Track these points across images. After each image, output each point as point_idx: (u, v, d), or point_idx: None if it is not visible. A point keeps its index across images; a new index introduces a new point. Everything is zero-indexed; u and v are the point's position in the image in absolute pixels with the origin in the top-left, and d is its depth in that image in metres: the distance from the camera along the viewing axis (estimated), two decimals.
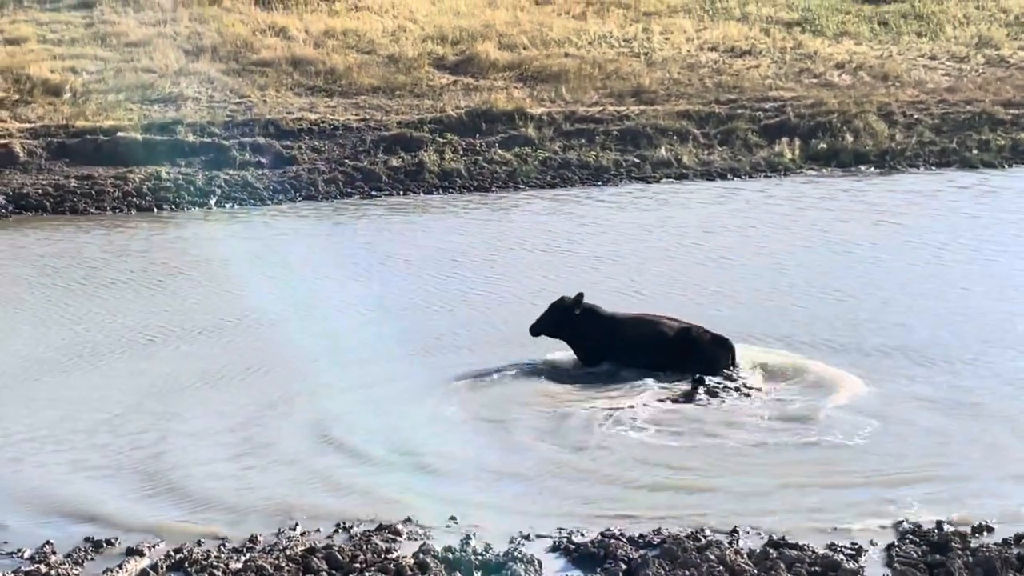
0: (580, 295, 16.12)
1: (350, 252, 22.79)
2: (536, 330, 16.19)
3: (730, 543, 11.39)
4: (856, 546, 11.37)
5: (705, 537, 11.46)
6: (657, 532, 11.60)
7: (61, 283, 20.65)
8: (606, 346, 15.81)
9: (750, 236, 23.48)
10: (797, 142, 30.48)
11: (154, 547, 11.42)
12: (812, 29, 37.45)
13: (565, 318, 16.01)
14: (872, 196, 26.77)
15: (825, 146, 30.44)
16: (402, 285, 20.33)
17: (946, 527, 11.62)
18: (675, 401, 14.99)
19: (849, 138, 30.53)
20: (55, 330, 17.97)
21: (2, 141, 28.23)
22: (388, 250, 22.86)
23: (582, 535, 11.62)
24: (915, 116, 31.66)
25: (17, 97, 30.37)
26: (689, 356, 15.41)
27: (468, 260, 21.93)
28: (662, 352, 15.52)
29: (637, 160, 29.81)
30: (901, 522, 11.77)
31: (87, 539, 11.56)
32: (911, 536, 11.47)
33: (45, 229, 24.65)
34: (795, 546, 11.29)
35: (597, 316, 16.00)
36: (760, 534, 11.60)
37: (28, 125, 29.11)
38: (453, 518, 11.97)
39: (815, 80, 33.81)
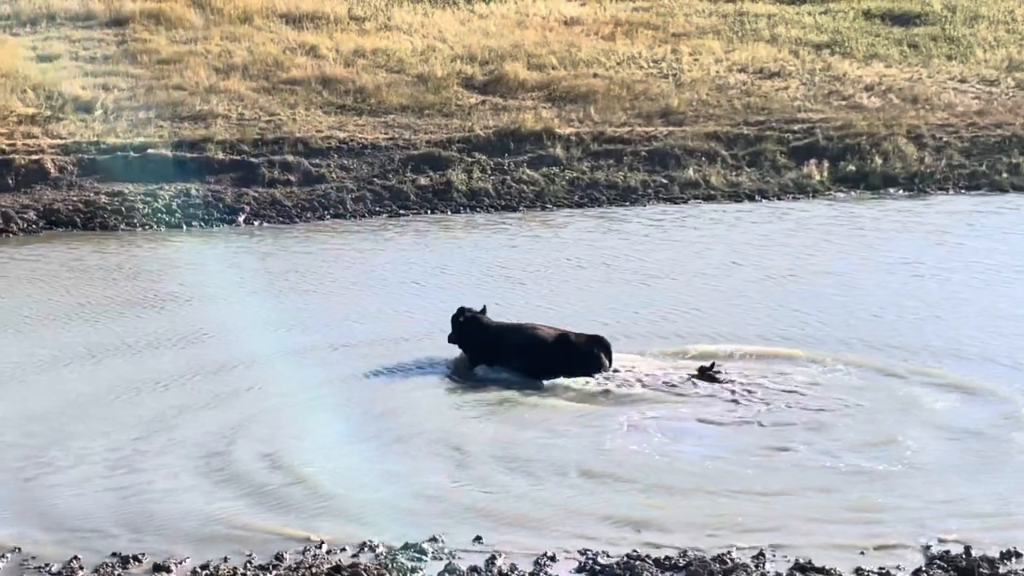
0: (483, 308, 17.26)
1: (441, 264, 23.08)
2: (449, 339, 17.24)
3: (756, 567, 11.36)
4: (884, 570, 11.32)
5: (732, 560, 11.43)
6: (683, 554, 11.58)
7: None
8: (492, 351, 16.74)
9: (811, 255, 23.47)
10: (826, 164, 30.39)
11: (181, 563, 11.46)
12: (841, 51, 37.36)
13: (456, 327, 17.12)
14: (929, 216, 26.76)
15: (854, 168, 30.35)
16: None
17: (974, 552, 11.55)
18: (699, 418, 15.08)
19: (878, 160, 30.43)
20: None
21: (33, 157, 28.39)
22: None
23: (607, 556, 11.61)
24: (944, 139, 31.55)
25: (49, 113, 30.54)
26: (568, 358, 16.22)
27: (538, 276, 22.09)
28: (544, 355, 16.35)
29: (665, 181, 29.79)
30: (929, 547, 11.71)
31: (114, 554, 11.62)
32: (939, 561, 11.41)
33: (90, 242, 24.82)
34: (822, 570, 11.25)
35: (480, 325, 16.98)
36: (786, 557, 11.56)
37: (59, 141, 29.26)
38: (479, 538, 11.98)
39: (844, 102, 33.72)
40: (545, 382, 16.41)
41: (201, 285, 21.37)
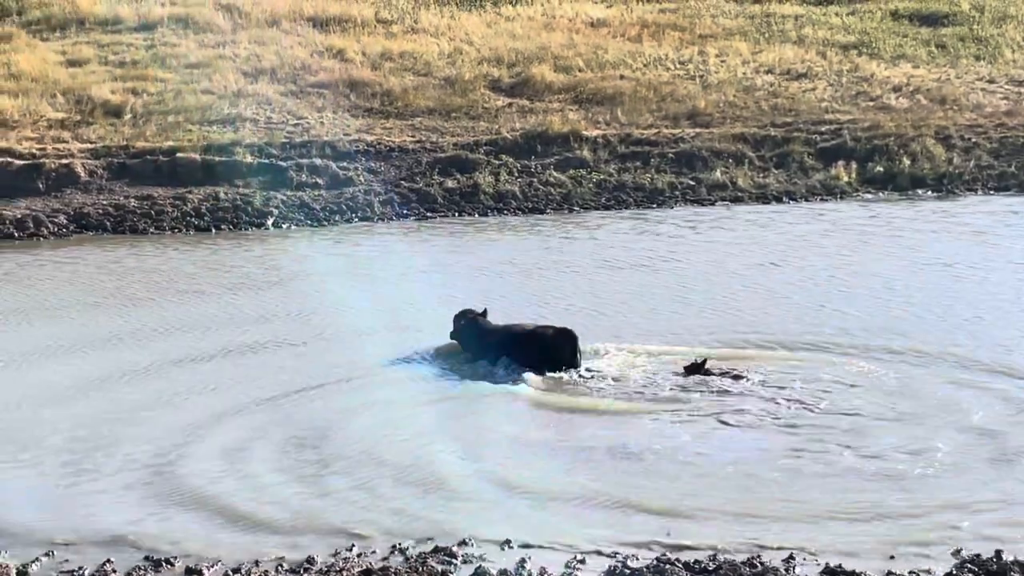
0: (484, 311, 18.04)
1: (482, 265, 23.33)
2: (451, 336, 18.15)
3: (786, 570, 11.36)
4: (914, 574, 11.30)
5: (761, 563, 11.43)
6: (713, 558, 11.58)
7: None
8: (480, 348, 17.55)
9: (849, 256, 23.50)
10: (853, 165, 30.34)
11: (213, 567, 11.53)
12: (869, 52, 37.27)
13: (456, 327, 18.04)
14: (965, 216, 26.75)
15: (882, 169, 30.28)
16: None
17: (1006, 556, 11.52)
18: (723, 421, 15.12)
19: (906, 162, 30.35)
20: None
21: (64, 161, 28.59)
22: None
23: (637, 559, 11.62)
24: (973, 140, 31.45)
25: (79, 118, 30.75)
26: (536, 350, 16.99)
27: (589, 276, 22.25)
28: (520, 349, 17.14)
29: (692, 183, 29.79)
30: (960, 550, 11.69)
31: (147, 558, 11.69)
32: (970, 565, 11.39)
33: (123, 246, 24.98)
34: (852, 574, 11.24)
35: (476, 326, 17.85)
36: (816, 561, 11.55)
37: (89, 145, 29.46)
38: (508, 541, 12.01)
39: (872, 103, 33.65)
40: (572, 383, 16.51)
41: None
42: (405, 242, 25.51)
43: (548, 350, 16.95)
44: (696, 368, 16.51)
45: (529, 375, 16.77)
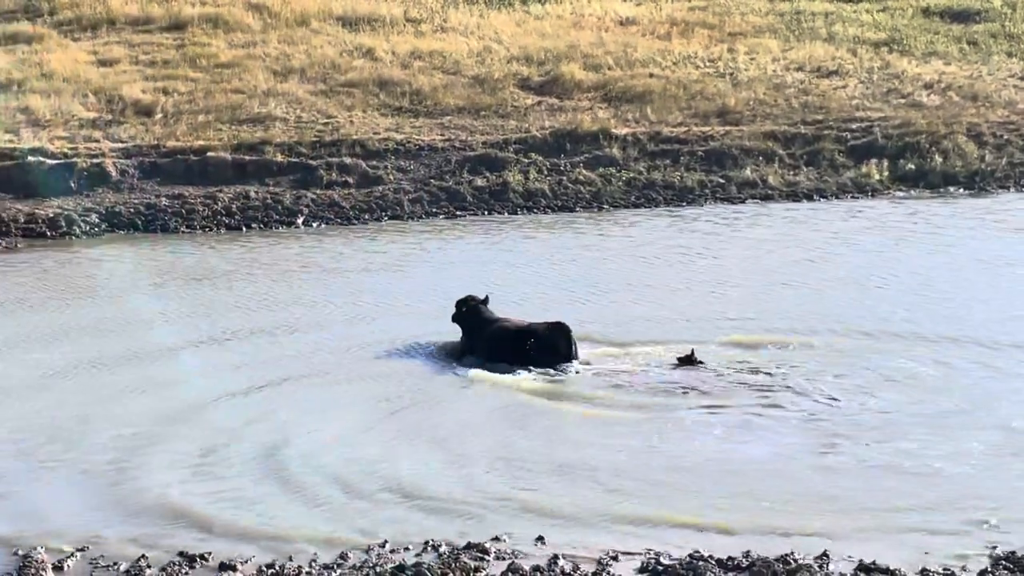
0: (486, 297, 18.23)
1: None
2: (452, 319, 18.32)
3: (820, 567, 11.31)
4: (948, 571, 11.24)
5: (795, 560, 11.39)
6: (746, 555, 11.55)
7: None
8: (478, 336, 17.72)
9: (891, 253, 23.58)
10: (885, 163, 30.23)
11: (247, 562, 11.56)
12: (900, 49, 37.08)
13: (458, 312, 18.21)
14: (1002, 213, 26.74)
15: (913, 167, 30.14)
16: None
17: None
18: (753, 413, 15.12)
19: (938, 159, 30.21)
20: None
21: (95, 160, 28.73)
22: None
23: (670, 556, 11.60)
24: (1005, 137, 31.28)
25: (110, 117, 30.89)
26: (532, 344, 17.09)
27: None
28: (513, 342, 17.25)
29: (722, 181, 29.73)
30: (995, 547, 11.62)
31: (181, 553, 11.74)
32: (1005, 562, 11.32)
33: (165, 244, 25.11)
34: (886, 571, 11.19)
35: (477, 313, 17.99)
36: (850, 558, 11.50)
37: (120, 145, 29.59)
38: (541, 538, 12.01)
39: (903, 100, 33.48)
40: (599, 377, 16.59)
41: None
42: (468, 240, 25.68)
43: (544, 346, 17.05)
44: (688, 360, 16.74)
45: (551, 371, 16.81)
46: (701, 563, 11.37)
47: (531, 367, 16.99)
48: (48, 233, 25.99)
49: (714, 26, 38.98)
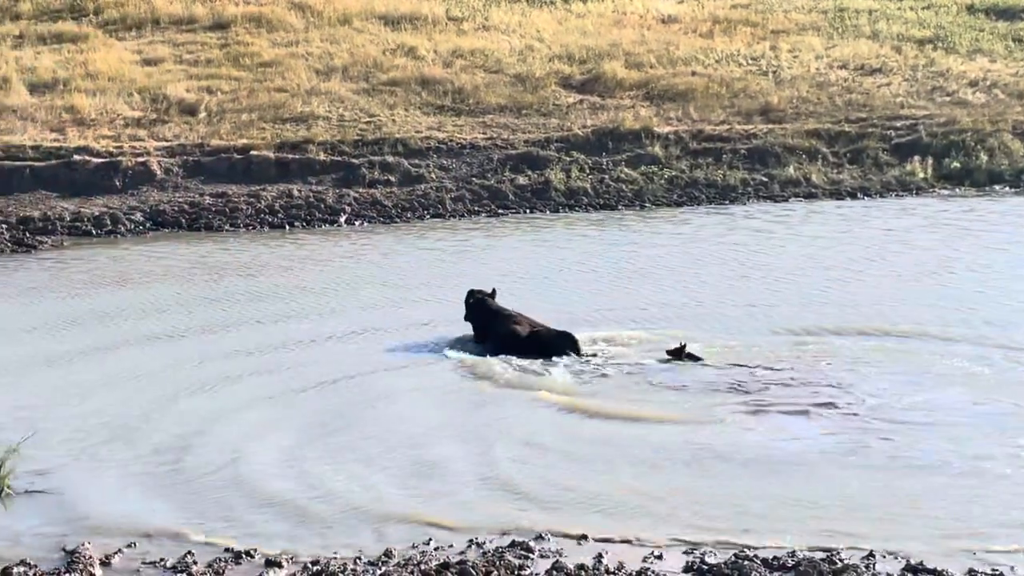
0: (493, 291, 18.73)
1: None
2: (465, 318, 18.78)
3: (867, 567, 11.23)
4: (997, 572, 11.14)
5: (841, 560, 11.32)
6: (792, 555, 11.48)
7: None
8: (483, 330, 18.23)
9: (953, 250, 23.64)
10: (929, 161, 30.06)
11: (292, 559, 11.60)
12: (945, 47, 36.85)
13: (467, 308, 18.64)
14: None
15: (958, 165, 29.97)
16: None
17: None
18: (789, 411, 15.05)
19: (983, 157, 30.01)
20: None
21: (140, 159, 28.95)
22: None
23: (715, 555, 11.54)
24: None
25: (155, 116, 31.12)
26: (536, 347, 17.63)
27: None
28: (519, 343, 17.74)
29: (765, 179, 29.64)
30: None
31: (227, 550, 11.77)
32: None
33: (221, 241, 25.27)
34: (933, 571, 11.10)
35: (485, 309, 18.44)
36: (897, 558, 11.41)
37: (165, 144, 29.80)
38: (585, 535, 11.99)
39: (948, 98, 33.28)
40: (643, 373, 16.64)
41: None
42: (523, 239, 25.77)
43: (548, 350, 17.49)
44: (678, 352, 16.95)
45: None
46: (746, 562, 11.31)
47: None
48: (93, 232, 26.19)
49: (756, 24, 38.86)
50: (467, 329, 18.56)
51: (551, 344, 17.56)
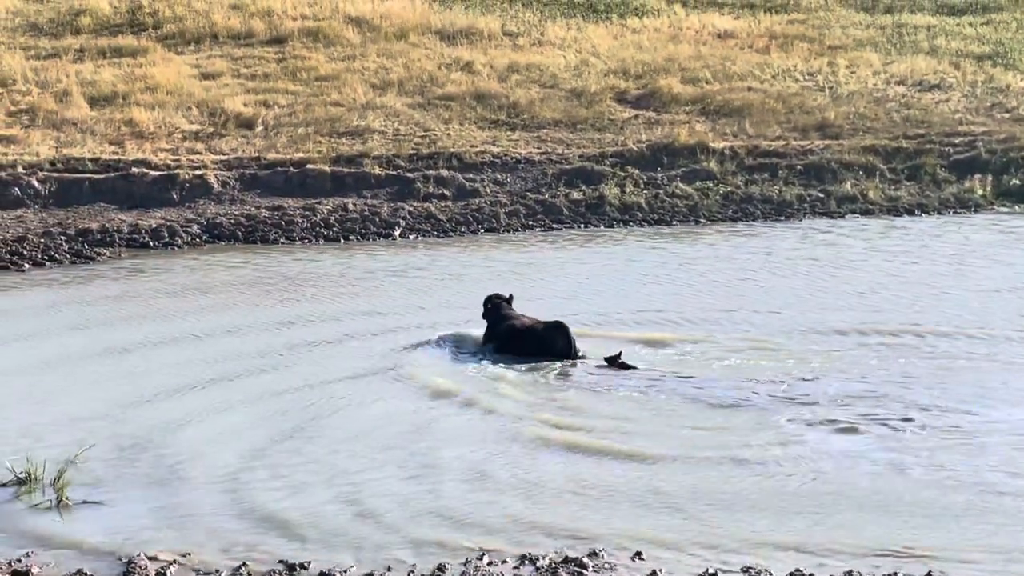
0: (510, 296, 19.33)
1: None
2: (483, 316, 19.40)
3: None
4: None
5: None
6: (848, 574, 11.38)
7: None
8: (492, 332, 18.92)
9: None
10: (989, 178, 29.78)
11: (346, 572, 11.62)
12: (1004, 63, 36.51)
13: (485, 311, 19.27)
14: None
15: (1018, 182, 29.69)
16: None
17: None
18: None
19: None
20: None
21: (198, 172, 29.17)
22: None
23: (771, 573, 11.46)
24: None
25: (212, 130, 31.36)
26: (531, 342, 18.34)
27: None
28: (519, 341, 18.43)
29: (821, 195, 29.46)
30: None
31: (281, 561, 11.82)
32: None
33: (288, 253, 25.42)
34: None
35: (498, 310, 19.08)
36: None
37: (222, 157, 30.01)
38: (639, 553, 11.92)
39: (1007, 115, 32.96)
40: (697, 387, 16.64)
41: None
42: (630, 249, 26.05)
43: (543, 343, 18.22)
44: (613, 360, 17.35)
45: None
46: None
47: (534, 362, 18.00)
48: (151, 243, 26.38)
49: (813, 39, 38.67)
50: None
51: (544, 337, 18.23)
